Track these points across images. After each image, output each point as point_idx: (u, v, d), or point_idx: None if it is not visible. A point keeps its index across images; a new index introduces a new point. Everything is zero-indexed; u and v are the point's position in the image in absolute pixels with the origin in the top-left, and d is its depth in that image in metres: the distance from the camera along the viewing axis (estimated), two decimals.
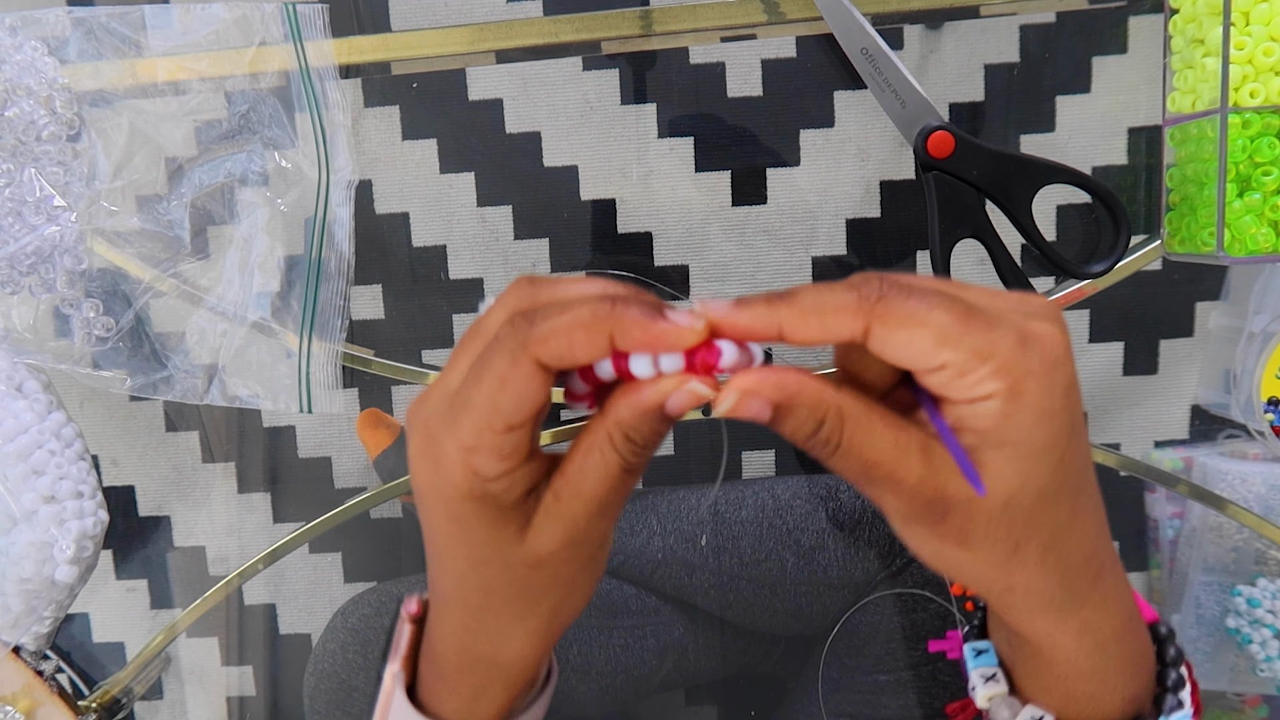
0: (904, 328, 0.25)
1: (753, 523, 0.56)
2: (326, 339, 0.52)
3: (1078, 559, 0.28)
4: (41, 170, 0.50)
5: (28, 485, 0.49)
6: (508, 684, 0.33)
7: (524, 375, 0.26)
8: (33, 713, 0.54)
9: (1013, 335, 0.25)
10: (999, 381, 0.25)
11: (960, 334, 0.25)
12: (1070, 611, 0.29)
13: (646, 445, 0.28)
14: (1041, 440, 0.25)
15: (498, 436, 0.27)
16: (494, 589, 0.30)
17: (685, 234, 0.56)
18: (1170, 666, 0.32)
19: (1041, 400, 0.25)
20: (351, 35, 0.51)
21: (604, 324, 0.26)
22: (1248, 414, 0.54)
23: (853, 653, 0.56)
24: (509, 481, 0.28)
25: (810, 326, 0.26)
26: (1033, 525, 0.27)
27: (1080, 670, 0.30)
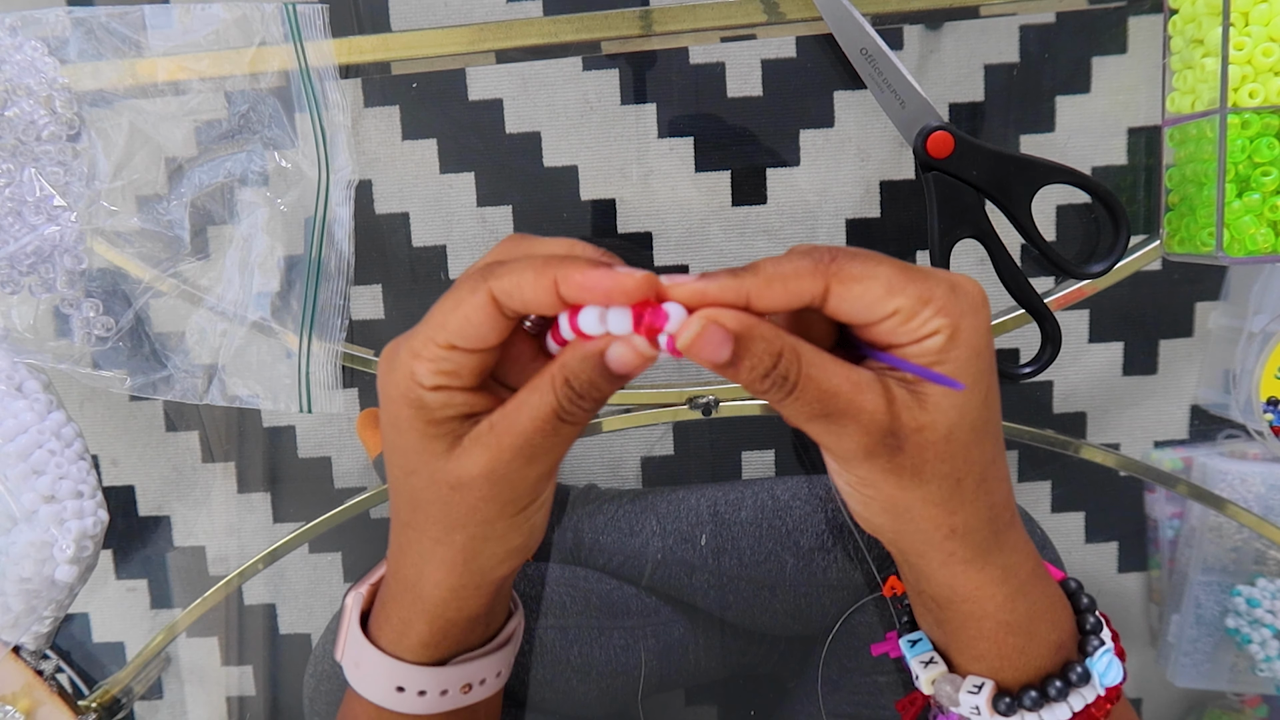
0: (858, 282, 0.28)
1: (752, 523, 0.56)
2: (326, 339, 0.52)
3: (1000, 499, 0.31)
4: (41, 170, 0.50)
5: (28, 485, 0.49)
6: (430, 619, 0.34)
7: (476, 303, 0.29)
8: (33, 713, 0.54)
9: (945, 284, 0.29)
10: (941, 319, 0.28)
11: (905, 283, 0.28)
12: (994, 556, 0.32)
13: (584, 395, 0.29)
14: (973, 373, 0.29)
15: (439, 350, 0.29)
16: (419, 503, 0.32)
17: (685, 234, 0.56)
18: (1086, 612, 0.35)
19: (973, 337, 0.29)
20: (351, 35, 0.51)
21: (551, 267, 0.28)
22: (1247, 414, 0.54)
23: (852, 653, 0.56)
24: (445, 398, 0.30)
25: (775, 292, 0.28)
26: (969, 459, 0.30)
27: (1008, 621, 0.33)
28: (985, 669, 0.34)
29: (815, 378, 0.28)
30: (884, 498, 0.30)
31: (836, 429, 0.29)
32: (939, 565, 0.32)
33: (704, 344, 0.28)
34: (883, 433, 0.29)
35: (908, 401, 0.29)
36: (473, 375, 0.30)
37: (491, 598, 0.35)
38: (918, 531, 0.31)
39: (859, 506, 0.32)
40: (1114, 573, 0.61)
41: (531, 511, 0.32)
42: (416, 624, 0.34)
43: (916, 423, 0.29)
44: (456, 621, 0.35)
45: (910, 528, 0.31)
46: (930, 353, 0.28)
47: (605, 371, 0.29)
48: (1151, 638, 0.62)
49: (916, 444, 0.29)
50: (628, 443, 0.60)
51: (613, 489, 0.60)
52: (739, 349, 0.28)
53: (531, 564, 0.59)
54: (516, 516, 0.32)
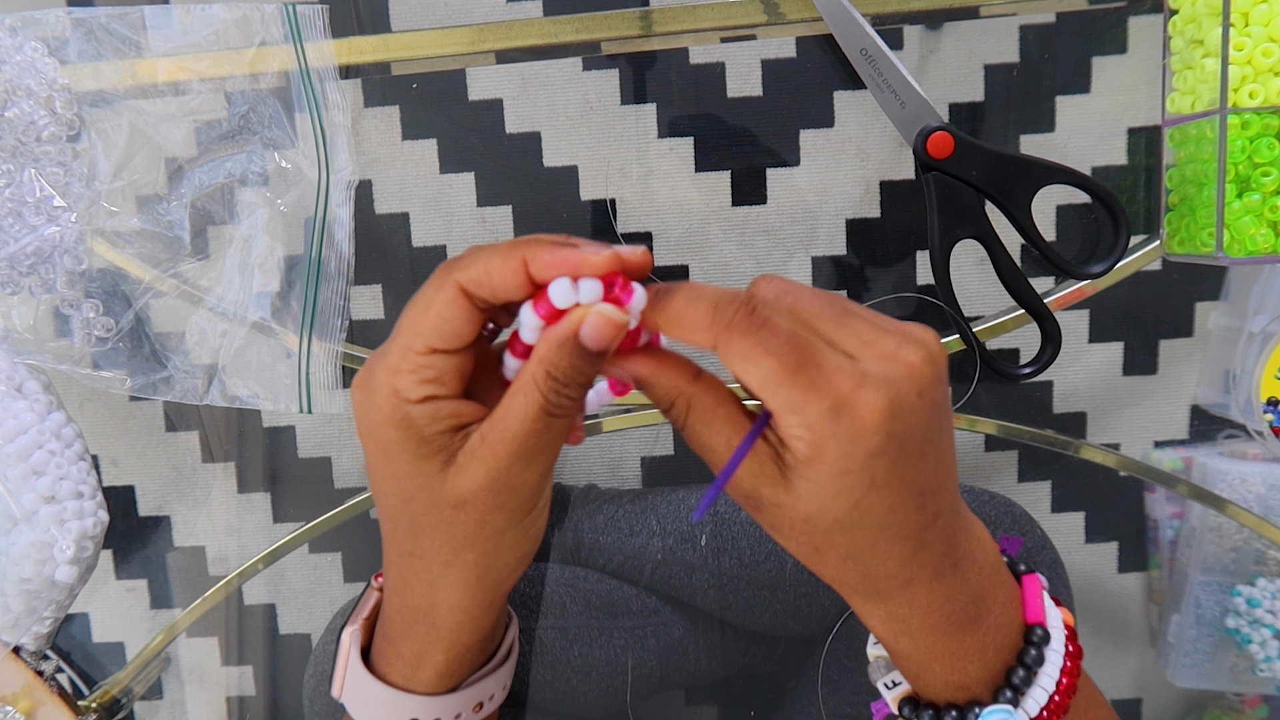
0: (738, 360, 0.28)
1: (752, 523, 0.56)
2: (326, 339, 0.52)
3: (880, 571, 0.31)
4: (41, 170, 0.50)
5: (28, 485, 0.49)
6: (446, 646, 0.34)
7: (446, 299, 0.29)
8: (33, 713, 0.54)
9: (827, 402, 0.27)
10: (803, 433, 0.28)
11: (778, 386, 0.27)
12: (876, 603, 0.32)
13: (568, 383, 0.29)
14: (836, 488, 0.28)
15: (419, 358, 0.29)
16: (422, 529, 0.31)
17: (685, 234, 0.56)
18: (1021, 665, 0.33)
19: (838, 461, 0.28)
20: (351, 35, 0.51)
21: (518, 249, 0.28)
22: (1247, 414, 0.54)
23: (852, 654, 0.56)
24: (431, 410, 0.29)
25: (673, 332, 0.29)
26: (830, 540, 0.30)
27: (896, 650, 0.34)
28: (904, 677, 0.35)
29: (698, 432, 0.30)
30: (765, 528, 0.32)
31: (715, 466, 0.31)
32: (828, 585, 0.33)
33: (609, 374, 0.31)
34: (742, 493, 0.30)
35: (774, 478, 0.29)
36: (456, 379, 0.30)
37: (501, 610, 0.35)
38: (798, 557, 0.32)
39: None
40: (1114, 573, 0.61)
41: (537, 514, 0.32)
42: (432, 655, 0.34)
43: (775, 499, 0.29)
44: (471, 646, 0.34)
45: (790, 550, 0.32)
46: (795, 455, 0.28)
47: (583, 352, 0.29)
48: (1151, 638, 0.62)
49: (773, 515, 0.30)
50: (628, 443, 0.60)
51: (613, 489, 0.60)
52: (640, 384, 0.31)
53: (531, 564, 0.59)
54: (523, 522, 0.32)
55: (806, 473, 0.28)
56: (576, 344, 0.29)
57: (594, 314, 0.28)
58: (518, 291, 0.29)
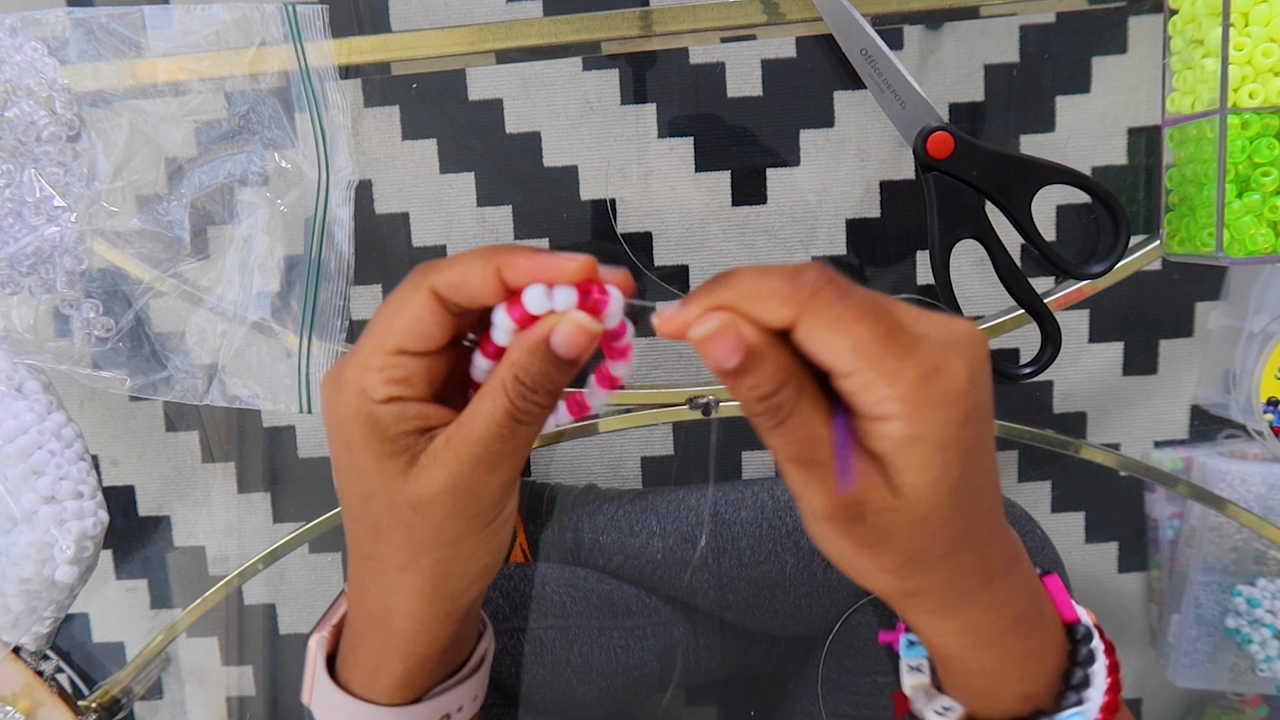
0: (827, 328, 0.26)
1: (752, 523, 0.56)
2: (326, 339, 0.52)
3: (968, 566, 0.29)
4: (41, 170, 0.50)
5: (28, 485, 0.49)
6: (402, 656, 0.33)
7: (420, 300, 0.28)
8: (33, 713, 0.54)
9: (923, 366, 0.26)
10: (899, 406, 0.26)
11: (875, 352, 0.26)
12: (958, 611, 0.30)
13: (536, 389, 0.28)
14: (939, 468, 0.27)
15: (388, 357, 0.29)
16: (380, 530, 0.31)
17: (685, 234, 0.56)
18: (1079, 665, 0.33)
19: (936, 432, 0.26)
20: (351, 35, 0.51)
21: (493, 255, 0.28)
22: (1247, 414, 0.54)
23: (852, 654, 0.56)
24: (397, 411, 0.29)
25: (745, 309, 0.27)
26: (936, 539, 0.28)
27: (971, 667, 0.32)
28: (958, 697, 0.33)
29: (809, 419, 0.27)
30: (837, 554, 0.29)
31: (807, 478, 0.28)
32: (899, 611, 0.31)
33: (715, 344, 0.27)
34: (847, 501, 0.28)
35: (879, 485, 0.27)
36: (424, 382, 0.29)
37: (461, 623, 0.34)
38: (874, 587, 0.30)
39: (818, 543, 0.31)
40: (1114, 573, 0.61)
41: (499, 525, 0.31)
42: (389, 663, 0.33)
43: (884, 504, 0.27)
44: (429, 656, 0.33)
45: (867, 582, 0.30)
46: (888, 439, 0.27)
47: (553, 358, 0.28)
48: (1151, 638, 0.62)
49: (880, 524, 0.28)
50: (628, 443, 0.60)
51: (613, 489, 0.60)
52: (747, 362, 0.27)
53: (531, 564, 0.59)
54: (484, 531, 0.31)
55: (908, 458, 0.27)
56: (547, 350, 0.28)
57: (567, 320, 0.28)
58: (492, 297, 0.29)
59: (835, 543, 0.29)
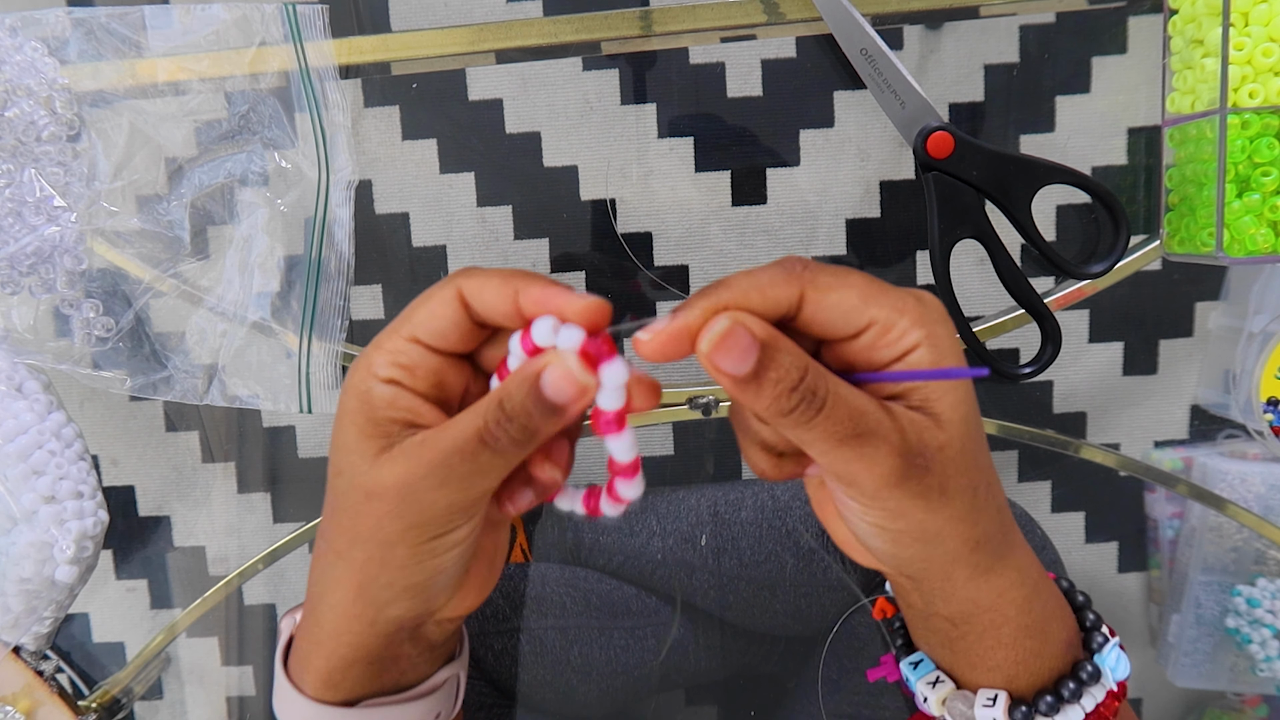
0: (834, 290, 0.28)
1: (752, 524, 0.56)
2: (326, 339, 0.52)
3: (1001, 498, 0.31)
4: (41, 170, 0.50)
5: (28, 485, 0.49)
6: (325, 652, 0.33)
7: (443, 298, 0.29)
8: (33, 713, 0.54)
9: (912, 296, 0.29)
10: (919, 330, 0.28)
11: (878, 293, 0.28)
12: (1009, 558, 0.32)
13: (512, 419, 0.28)
14: (962, 388, 0.29)
15: (400, 342, 0.29)
16: (335, 510, 0.31)
17: (685, 234, 0.56)
18: (1083, 609, 0.35)
19: (949, 342, 0.28)
20: (351, 35, 0.51)
21: (516, 279, 0.29)
22: (1247, 414, 0.54)
23: (852, 654, 0.56)
24: (391, 395, 0.29)
25: (752, 302, 0.27)
26: (979, 465, 0.30)
27: (1026, 624, 0.32)
28: (999, 679, 0.33)
29: (845, 395, 0.27)
30: (915, 526, 0.29)
31: (870, 451, 0.27)
32: (964, 581, 0.31)
33: (727, 350, 0.26)
34: (914, 452, 0.27)
35: (924, 423, 0.28)
36: (428, 379, 0.30)
37: (390, 641, 0.33)
38: (946, 553, 0.30)
39: (888, 544, 0.30)
40: (1114, 573, 0.61)
41: (437, 547, 0.30)
42: (313, 657, 0.33)
43: (937, 441, 0.28)
44: (351, 660, 0.33)
45: (939, 551, 0.30)
46: (916, 365, 0.28)
47: (538, 397, 0.28)
48: (1151, 638, 0.62)
49: (941, 462, 0.28)
50: None
51: None
52: (764, 359, 0.26)
53: (532, 564, 0.59)
54: (419, 546, 0.30)
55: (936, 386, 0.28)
56: (535, 385, 0.28)
57: (558, 364, 0.28)
58: (505, 318, 0.29)
59: (909, 512, 0.29)
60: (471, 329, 0.30)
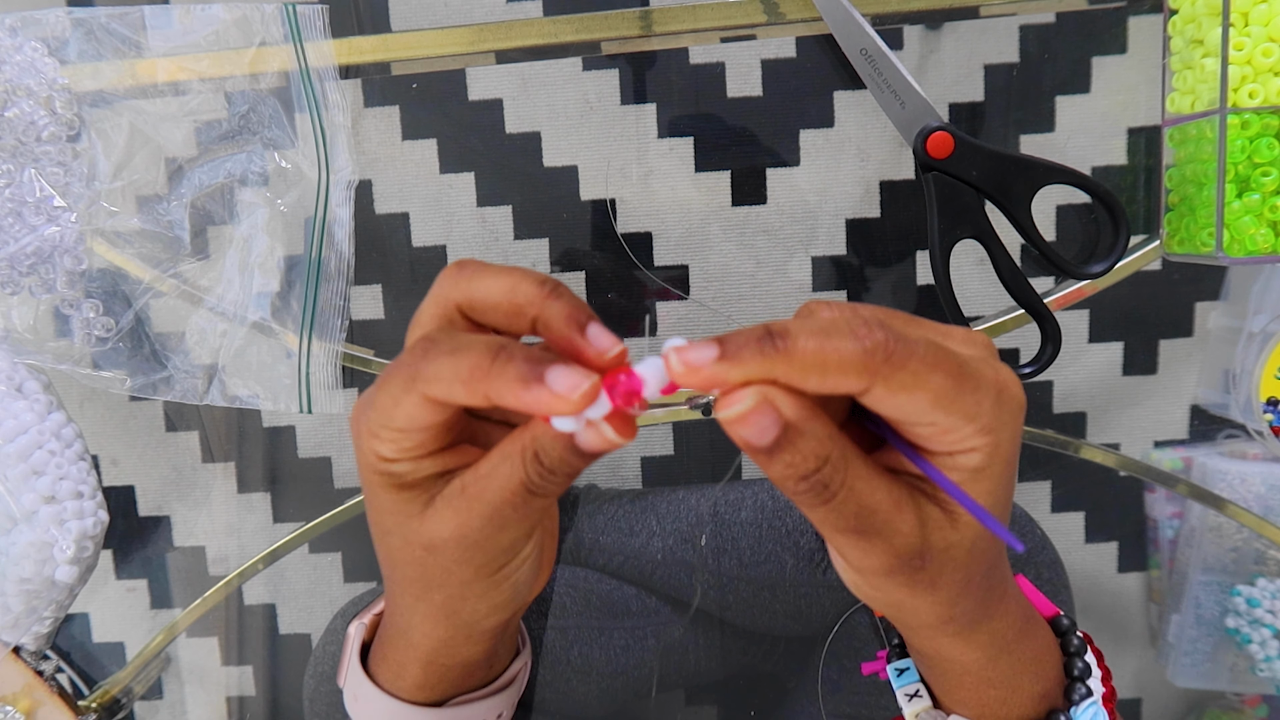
0: (905, 391, 0.24)
1: (752, 524, 0.56)
2: (326, 339, 0.52)
3: (995, 580, 0.30)
4: (41, 170, 0.50)
5: (28, 485, 0.49)
6: (423, 664, 0.33)
7: (413, 403, 0.26)
8: (33, 713, 0.54)
9: (993, 394, 0.25)
10: (982, 438, 0.25)
11: (954, 397, 0.24)
12: (982, 625, 0.30)
13: (554, 471, 0.27)
14: (1002, 482, 0.27)
15: (394, 433, 0.28)
16: (395, 563, 0.31)
17: (685, 234, 0.56)
18: (1075, 656, 0.33)
19: (1010, 449, 0.26)
20: (351, 35, 0.51)
21: (481, 383, 0.25)
22: (1247, 414, 0.54)
23: (852, 654, 0.56)
24: (411, 465, 0.28)
25: (809, 384, 0.24)
26: (984, 559, 0.28)
27: (990, 678, 0.32)
28: (969, 714, 0.33)
29: (858, 490, 0.25)
30: (891, 602, 0.29)
31: (863, 546, 0.26)
32: (926, 640, 0.31)
33: (748, 424, 0.24)
34: (911, 554, 0.26)
35: (940, 521, 0.27)
36: (436, 442, 0.28)
37: (488, 645, 0.34)
38: (915, 623, 0.30)
39: (862, 594, 0.30)
40: (1114, 573, 0.61)
41: (511, 570, 0.31)
42: (411, 668, 0.34)
43: (944, 542, 0.27)
44: (451, 666, 0.34)
45: (908, 620, 0.30)
46: (963, 469, 0.26)
47: (575, 450, 0.27)
48: (1151, 638, 0.62)
49: (939, 562, 0.27)
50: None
51: (613, 489, 0.60)
52: (784, 440, 0.24)
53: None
54: (494, 576, 0.30)
55: (981, 483, 0.26)
56: (570, 442, 0.26)
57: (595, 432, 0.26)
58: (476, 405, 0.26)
59: (888, 591, 0.28)
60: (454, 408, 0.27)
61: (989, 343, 0.28)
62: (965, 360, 0.25)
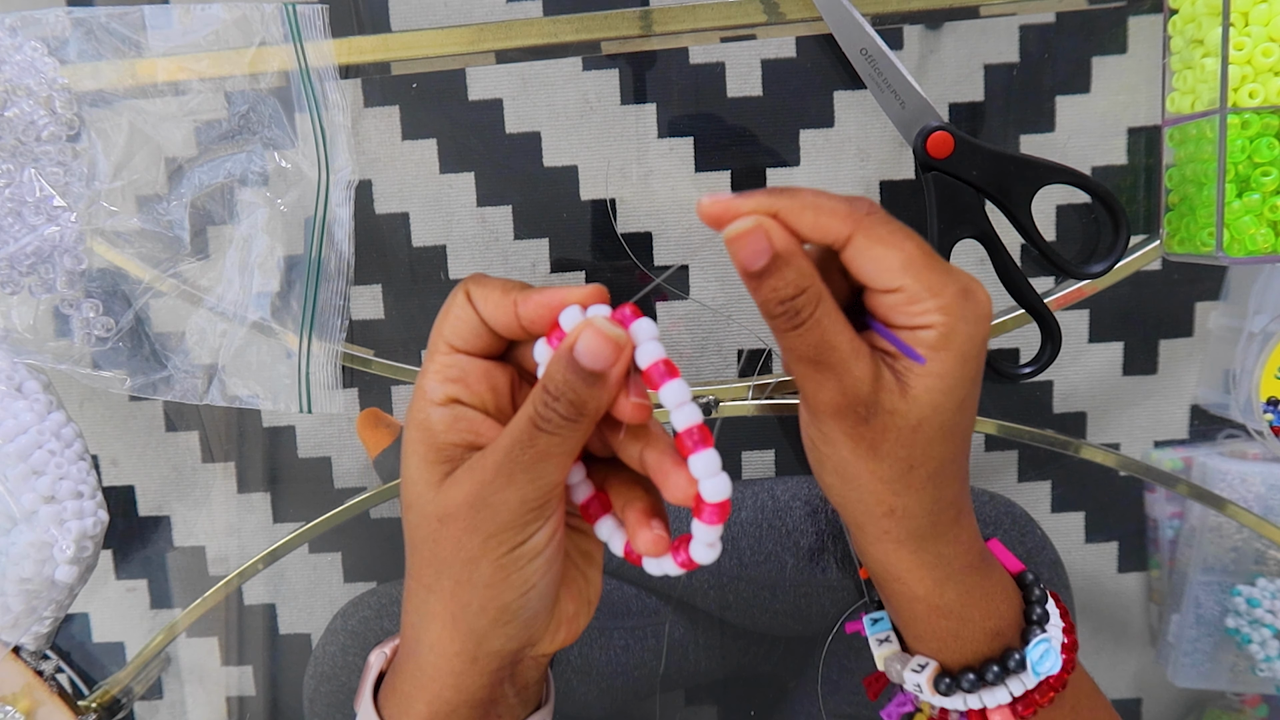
0: (880, 244, 0.29)
1: (752, 524, 0.56)
2: (326, 339, 0.52)
3: (949, 495, 0.32)
4: (41, 170, 0.50)
5: (28, 485, 0.49)
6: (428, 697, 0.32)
7: (459, 302, 0.31)
8: (33, 713, 0.54)
9: (958, 285, 0.29)
10: (939, 316, 0.29)
11: (921, 267, 0.29)
12: (929, 544, 0.33)
13: (559, 396, 0.29)
14: (955, 380, 0.30)
15: (441, 356, 0.31)
16: (414, 544, 0.32)
17: (685, 234, 0.56)
18: (1035, 604, 0.36)
19: (965, 344, 0.29)
20: (351, 35, 0.51)
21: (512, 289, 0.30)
22: (1247, 414, 0.54)
23: (852, 654, 0.56)
24: (451, 416, 0.30)
25: (805, 220, 0.29)
26: (928, 452, 0.31)
27: (938, 605, 0.34)
28: (928, 650, 0.35)
29: (823, 325, 0.29)
30: (838, 459, 0.31)
31: (819, 378, 0.30)
32: (873, 540, 0.33)
33: (744, 243, 0.29)
34: (857, 400, 0.30)
35: (891, 385, 0.30)
36: (481, 384, 0.31)
37: (492, 680, 0.33)
38: (859, 501, 0.32)
39: (814, 461, 0.33)
40: (1114, 573, 0.61)
41: (520, 558, 0.30)
42: (416, 702, 0.33)
43: (892, 405, 0.30)
44: (455, 704, 0.32)
45: (853, 495, 0.32)
46: (920, 344, 0.29)
47: (576, 367, 0.28)
48: (1151, 638, 0.62)
49: (883, 424, 0.30)
50: None
51: None
52: (772, 265, 0.29)
53: None
54: (501, 558, 0.30)
55: (931, 365, 0.29)
56: (570, 358, 0.29)
57: (589, 327, 0.29)
58: (505, 328, 0.31)
59: (836, 443, 0.31)
60: (489, 332, 0.31)
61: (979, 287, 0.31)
62: (940, 258, 0.30)
